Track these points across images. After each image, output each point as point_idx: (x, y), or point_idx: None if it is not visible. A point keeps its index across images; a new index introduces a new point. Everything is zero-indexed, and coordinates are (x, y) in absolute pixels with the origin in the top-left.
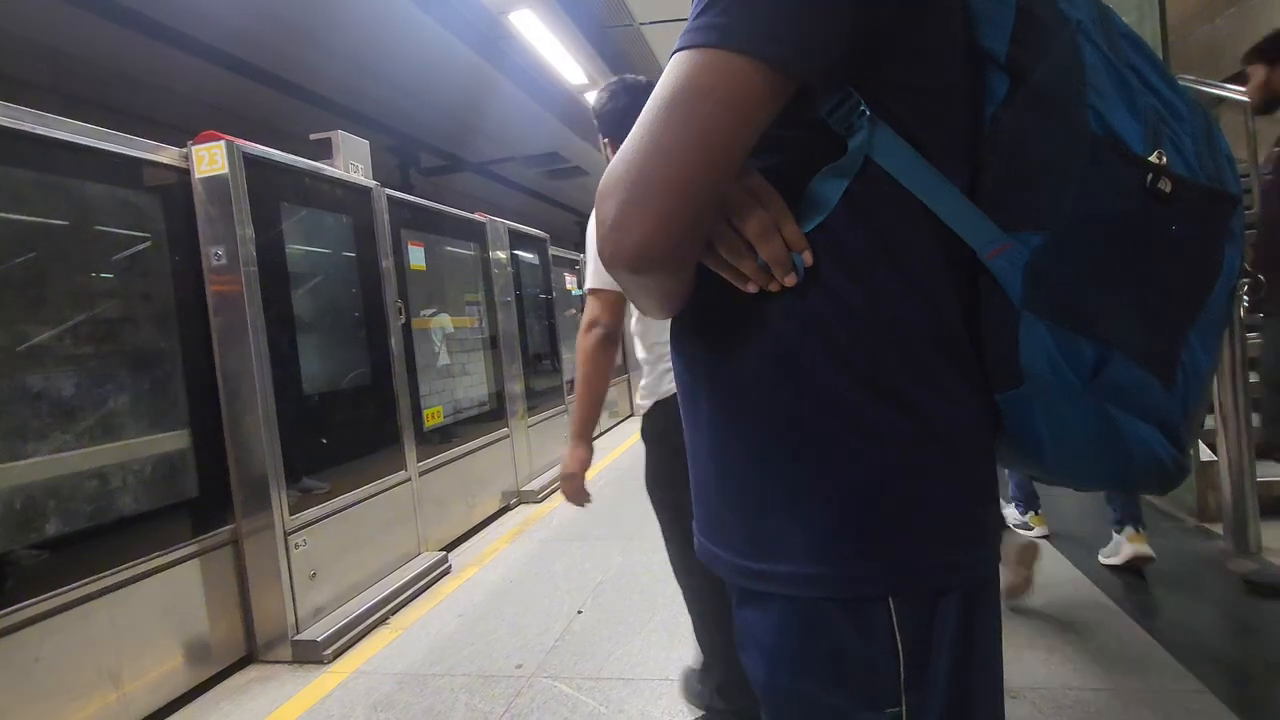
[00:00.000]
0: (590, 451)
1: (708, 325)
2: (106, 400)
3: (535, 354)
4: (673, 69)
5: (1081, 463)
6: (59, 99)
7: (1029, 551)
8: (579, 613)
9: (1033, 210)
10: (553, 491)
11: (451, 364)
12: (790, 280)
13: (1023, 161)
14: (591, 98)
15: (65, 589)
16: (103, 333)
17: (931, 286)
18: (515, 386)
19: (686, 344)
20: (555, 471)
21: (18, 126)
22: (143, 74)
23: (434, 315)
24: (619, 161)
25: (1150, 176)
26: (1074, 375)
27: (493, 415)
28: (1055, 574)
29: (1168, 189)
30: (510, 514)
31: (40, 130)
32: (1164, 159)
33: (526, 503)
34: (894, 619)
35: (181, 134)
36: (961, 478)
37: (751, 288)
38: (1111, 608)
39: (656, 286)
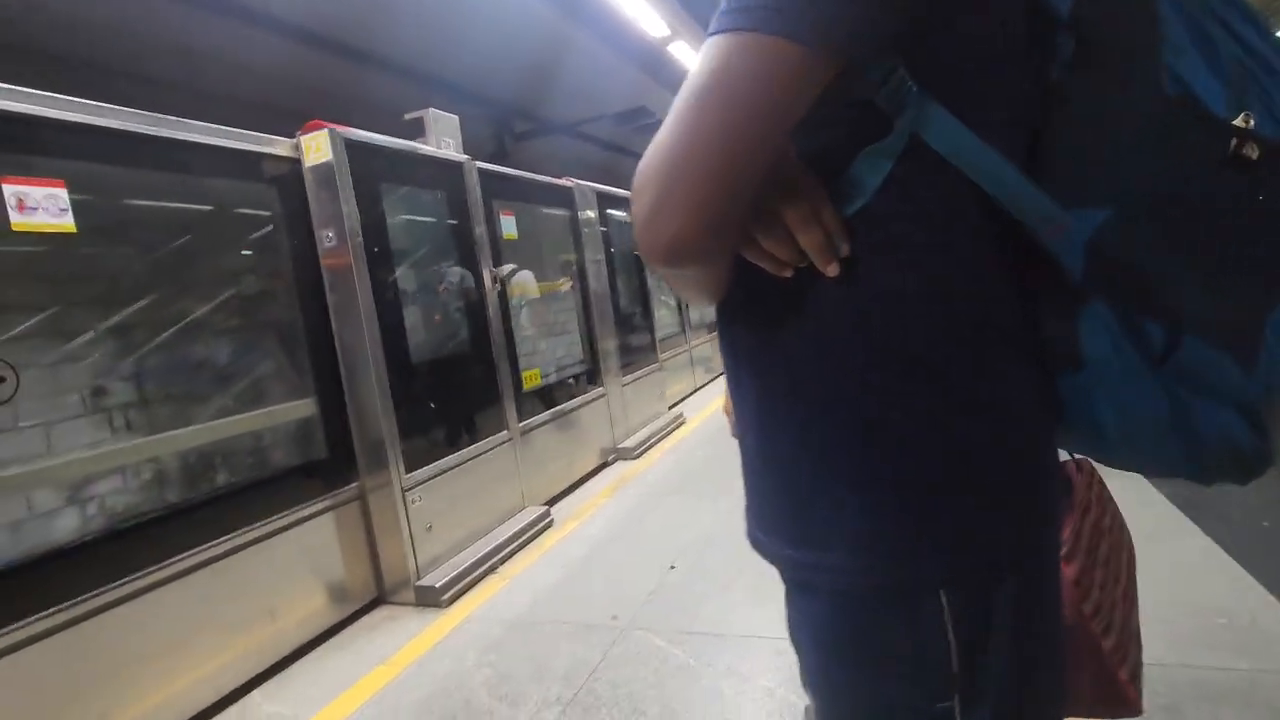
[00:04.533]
0: None
1: (750, 310)
2: (249, 373)
3: (627, 313)
4: (708, 53)
5: (1147, 449)
6: (145, 85)
7: None
8: (671, 568)
9: (1097, 184)
10: (648, 449)
11: (547, 326)
12: (833, 270)
13: (1087, 131)
14: (674, 49)
15: (227, 537)
16: (237, 318)
17: (981, 269)
18: (609, 345)
19: (729, 328)
20: (650, 429)
21: (155, 133)
22: (228, 55)
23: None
24: (653, 152)
25: (1234, 141)
26: (1140, 358)
27: (588, 375)
28: (1182, 541)
29: (1254, 154)
30: (608, 470)
31: (173, 134)
32: (1251, 121)
33: (624, 459)
34: (945, 611)
35: (278, 116)
36: (1016, 464)
37: (788, 273)
38: (1248, 580)
39: (695, 278)
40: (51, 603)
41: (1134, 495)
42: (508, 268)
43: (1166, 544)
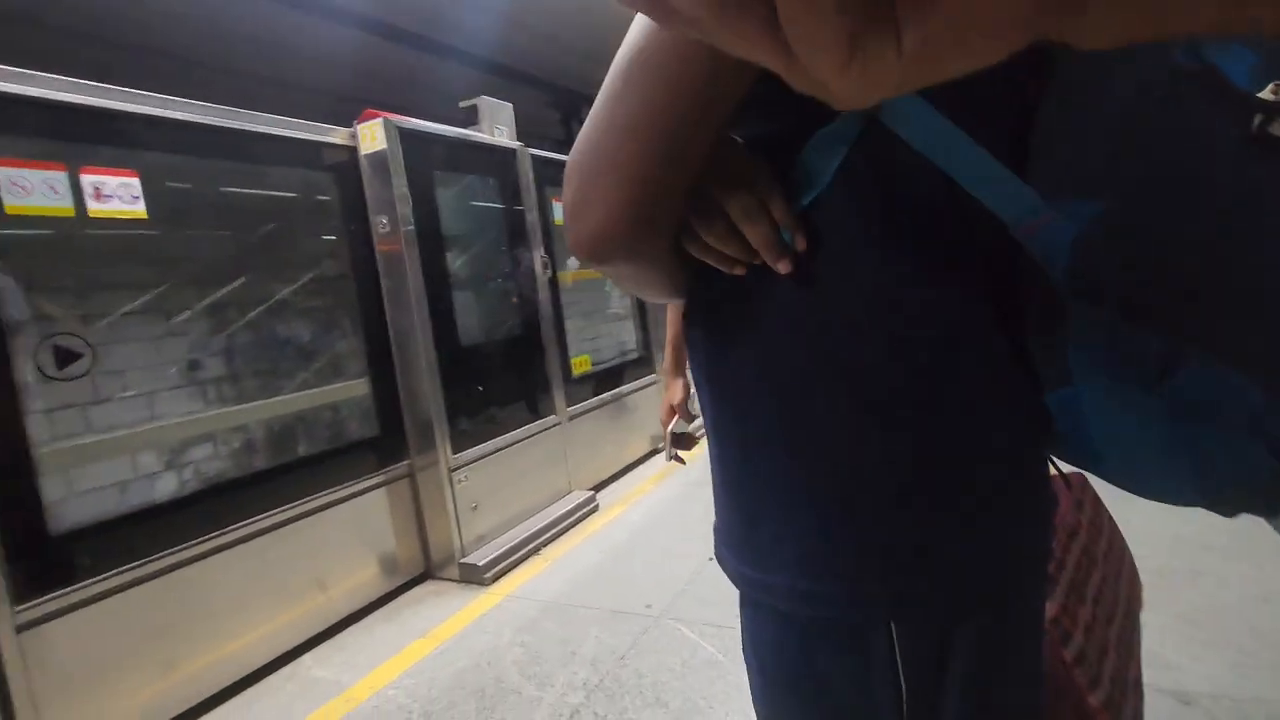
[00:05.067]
0: None
1: (706, 312)
2: (305, 353)
3: None
4: (634, 29)
5: (1149, 477)
6: (225, 75)
7: None
8: (710, 559)
9: (1088, 172)
10: (701, 436)
11: (597, 312)
12: (785, 267)
13: (1076, 109)
14: None
15: (285, 507)
16: (296, 300)
17: (948, 270)
18: (662, 332)
19: (689, 331)
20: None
21: (222, 124)
22: (305, 46)
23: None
24: (580, 138)
25: (1259, 118)
26: (1134, 375)
27: (640, 362)
28: (1269, 563)
29: None
30: (657, 457)
31: (239, 125)
32: None
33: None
34: (895, 647)
35: (348, 103)
36: (986, 487)
37: (739, 270)
38: None
39: (631, 275)
40: (136, 556)
41: None
42: None
43: (1251, 564)
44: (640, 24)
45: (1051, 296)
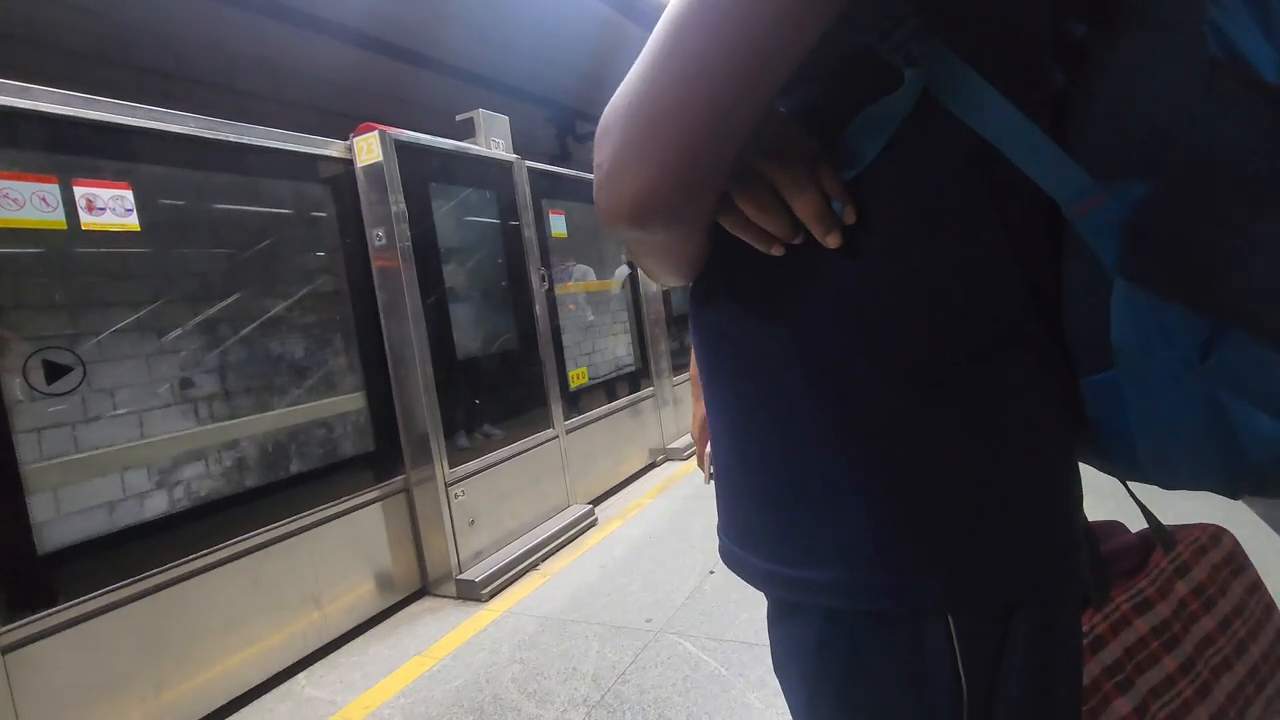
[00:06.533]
0: None
1: (727, 291)
2: (300, 368)
3: (680, 313)
4: None
5: (1180, 460)
6: (231, 95)
7: None
8: (711, 573)
9: (1135, 155)
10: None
11: (595, 325)
12: (834, 241)
13: (1122, 94)
14: None
15: (278, 524)
16: (293, 314)
17: (992, 253)
18: (659, 346)
19: (702, 312)
20: None
21: (218, 137)
22: (305, 65)
23: None
24: (620, 94)
25: None
26: (1178, 355)
27: (637, 375)
28: None
29: None
30: (656, 470)
31: (236, 138)
32: None
33: (672, 460)
34: (955, 640)
35: (349, 121)
36: (1035, 474)
37: (777, 250)
38: None
39: (664, 246)
40: (125, 575)
41: None
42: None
43: None
44: None
45: (1096, 277)
